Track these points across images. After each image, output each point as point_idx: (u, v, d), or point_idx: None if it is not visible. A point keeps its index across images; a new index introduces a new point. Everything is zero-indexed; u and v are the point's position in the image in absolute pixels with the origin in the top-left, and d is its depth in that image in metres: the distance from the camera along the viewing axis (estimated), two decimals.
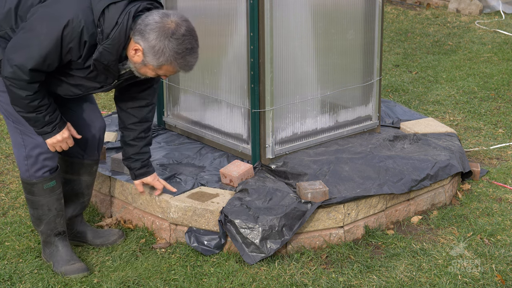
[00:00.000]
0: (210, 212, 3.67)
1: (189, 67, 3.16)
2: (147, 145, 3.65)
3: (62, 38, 3.07)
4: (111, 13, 3.07)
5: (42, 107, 3.25)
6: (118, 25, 3.08)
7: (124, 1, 3.10)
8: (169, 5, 4.43)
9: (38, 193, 3.46)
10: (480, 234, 3.87)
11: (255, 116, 4.04)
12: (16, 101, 3.22)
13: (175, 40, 3.06)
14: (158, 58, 3.09)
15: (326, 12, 4.22)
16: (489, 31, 8.49)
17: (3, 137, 5.30)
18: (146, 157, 3.67)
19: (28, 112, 3.25)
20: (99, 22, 3.08)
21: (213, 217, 3.68)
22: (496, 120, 5.59)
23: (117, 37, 3.09)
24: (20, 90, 3.16)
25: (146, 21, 3.07)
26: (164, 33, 3.05)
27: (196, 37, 3.14)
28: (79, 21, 3.06)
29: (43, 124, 3.30)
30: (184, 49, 3.08)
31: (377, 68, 4.50)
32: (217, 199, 3.76)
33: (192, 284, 3.45)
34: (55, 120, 3.32)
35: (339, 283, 3.44)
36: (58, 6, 3.11)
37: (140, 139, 3.61)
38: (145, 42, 3.08)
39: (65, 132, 3.37)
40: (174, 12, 3.12)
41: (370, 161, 4.11)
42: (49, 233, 3.55)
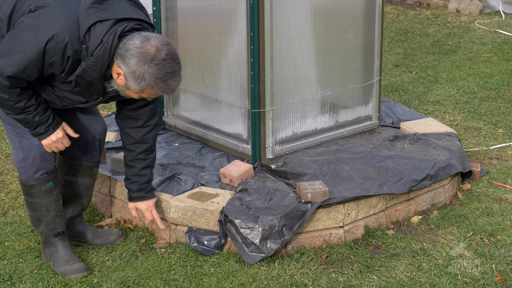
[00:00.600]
0: (210, 212, 3.67)
1: (171, 90, 3.13)
2: (146, 168, 3.59)
3: (45, 51, 3.07)
4: (97, 31, 3.06)
5: (30, 108, 3.23)
6: (103, 43, 3.06)
7: (111, 20, 3.08)
8: (169, 5, 4.43)
9: (36, 194, 3.46)
10: (480, 234, 3.87)
11: (255, 116, 4.04)
12: (2, 104, 3.22)
13: (155, 66, 3.03)
14: (139, 83, 3.08)
15: (326, 12, 4.22)
16: (489, 31, 8.49)
17: (3, 137, 5.30)
18: (144, 180, 3.62)
19: (16, 113, 3.24)
20: (84, 39, 3.07)
21: (213, 217, 3.68)
22: (496, 120, 5.59)
23: (101, 56, 3.07)
24: (2, 93, 3.16)
25: (127, 45, 3.05)
26: (144, 58, 3.03)
27: (177, 60, 3.11)
28: (64, 36, 3.05)
29: (35, 125, 3.29)
30: (164, 74, 3.05)
31: (377, 68, 4.50)
32: (217, 199, 3.76)
33: (192, 284, 3.45)
34: (47, 120, 3.30)
35: (339, 283, 3.44)
36: (45, 19, 3.09)
37: (139, 160, 3.56)
38: (126, 67, 3.07)
39: (59, 132, 3.36)
40: (155, 36, 3.09)
41: (370, 161, 4.11)
42: (49, 233, 3.55)
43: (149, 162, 3.59)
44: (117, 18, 3.08)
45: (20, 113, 3.24)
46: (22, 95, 3.19)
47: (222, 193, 3.82)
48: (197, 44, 4.36)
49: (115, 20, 3.08)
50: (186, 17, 4.39)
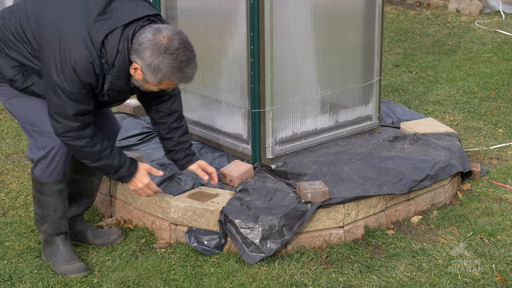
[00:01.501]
0: (210, 212, 3.67)
1: (188, 78, 3.19)
2: (183, 134, 3.67)
3: (78, 77, 3.13)
4: (110, 42, 3.11)
5: (106, 150, 3.33)
6: (119, 52, 3.13)
7: (120, 27, 3.12)
8: (169, 5, 4.43)
9: (47, 193, 3.47)
10: (480, 234, 3.87)
11: (255, 116, 4.04)
12: (80, 153, 3.31)
13: (169, 55, 3.09)
14: (156, 75, 3.13)
15: (326, 12, 4.22)
16: (489, 31, 8.49)
17: (3, 137, 5.30)
18: (187, 146, 3.68)
19: (96, 160, 3.33)
20: (102, 53, 3.13)
21: (213, 217, 3.68)
22: (496, 120, 5.59)
23: (122, 64, 3.15)
24: (78, 140, 3.25)
25: (140, 39, 3.11)
26: (157, 49, 3.08)
27: (190, 47, 3.16)
28: (87, 58, 3.11)
29: (115, 168, 3.38)
30: (179, 62, 3.11)
31: (377, 68, 4.50)
32: (217, 199, 3.76)
33: (192, 284, 3.45)
34: (125, 162, 3.41)
35: (339, 283, 3.44)
36: (61, 51, 3.13)
37: (174, 130, 3.63)
38: (141, 60, 3.12)
39: (144, 178, 3.46)
40: (166, 27, 3.14)
41: (370, 161, 4.11)
42: (52, 233, 3.55)
43: (184, 128, 3.68)
44: (125, 23, 3.12)
45: (99, 159, 3.33)
46: (95, 138, 3.29)
47: (222, 193, 3.82)
48: (197, 44, 4.34)
49: (124, 25, 3.12)
50: (186, 17, 4.39)
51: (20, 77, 3.32)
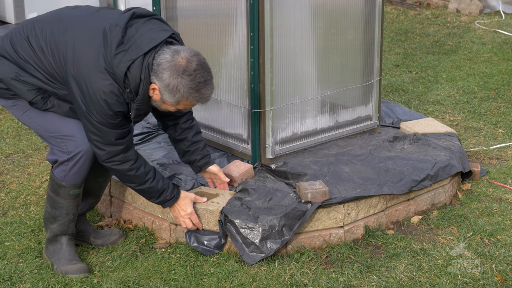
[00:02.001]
0: (210, 212, 3.67)
1: (205, 99, 3.26)
2: (197, 134, 3.69)
3: (113, 111, 3.20)
4: (133, 73, 3.17)
5: (150, 173, 3.41)
6: (142, 81, 3.19)
7: (140, 57, 3.17)
8: (169, 5, 4.43)
9: (63, 195, 3.48)
10: (480, 234, 3.87)
11: (255, 116, 4.04)
12: (125, 177, 3.38)
13: (188, 76, 3.15)
14: (174, 96, 3.19)
15: (326, 12, 4.22)
16: (489, 31, 8.49)
17: (3, 137, 5.30)
18: (202, 145, 3.71)
19: (140, 184, 3.40)
20: (125, 84, 3.19)
21: (213, 217, 3.67)
22: (496, 120, 5.59)
23: (146, 91, 3.22)
24: (123, 164, 3.32)
25: (158, 60, 3.17)
26: (176, 71, 3.15)
27: (208, 69, 3.23)
28: (116, 89, 3.17)
29: (159, 192, 3.46)
30: (197, 84, 3.18)
31: (377, 68, 4.50)
32: (217, 199, 3.75)
33: (192, 284, 3.45)
34: (169, 186, 3.48)
35: (339, 283, 3.44)
36: (88, 88, 3.18)
37: (187, 130, 3.66)
38: (160, 81, 3.18)
39: (188, 207, 3.54)
40: (184, 48, 3.21)
41: (370, 162, 4.11)
42: (58, 233, 3.56)
43: (196, 128, 3.70)
44: (144, 52, 3.17)
45: (144, 182, 3.40)
46: (138, 160, 3.37)
47: (222, 193, 3.82)
48: (197, 44, 4.36)
49: (143, 53, 3.17)
50: (186, 17, 4.39)
51: (39, 100, 3.36)
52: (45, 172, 4.65)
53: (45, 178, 4.57)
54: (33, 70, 3.31)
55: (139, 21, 3.28)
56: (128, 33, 3.22)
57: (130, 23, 3.25)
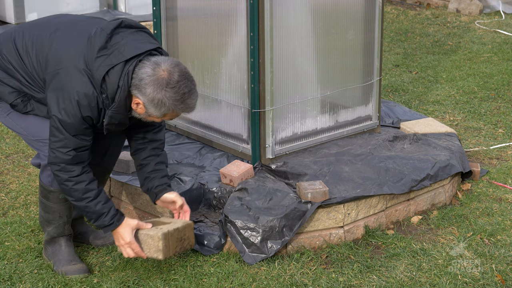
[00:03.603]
0: (150, 237, 3.38)
1: (191, 108, 3.21)
2: (161, 163, 3.55)
3: (82, 115, 3.16)
4: (111, 78, 3.13)
5: (90, 192, 3.27)
6: (120, 88, 3.14)
7: (121, 63, 3.13)
8: (169, 5, 4.43)
9: (53, 200, 3.47)
10: (480, 234, 3.87)
11: (255, 116, 4.04)
12: (62, 187, 3.28)
13: (171, 89, 3.10)
14: (159, 109, 3.15)
15: (326, 12, 4.22)
16: (489, 31, 8.49)
17: (3, 137, 5.30)
18: (163, 174, 3.54)
19: (77, 200, 3.28)
20: (102, 88, 3.15)
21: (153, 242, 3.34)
22: (496, 120, 5.59)
23: (123, 99, 3.17)
24: (61, 173, 3.23)
25: (140, 75, 3.12)
26: (159, 84, 3.09)
27: (190, 77, 3.17)
28: (92, 93, 3.14)
29: (97, 214, 3.31)
30: (182, 95, 3.13)
31: (377, 68, 4.50)
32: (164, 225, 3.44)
33: (192, 284, 3.45)
34: (109, 211, 3.32)
35: (339, 283, 3.44)
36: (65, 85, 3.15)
37: (152, 157, 3.54)
38: (143, 96, 3.13)
39: (127, 236, 3.34)
40: (164, 59, 3.14)
41: (370, 161, 4.11)
42: (55, 235, 3.56)
43: (162, 158, 3.57)
44: (126, 59, 3.13)
45: (80, 199, 3.27)
46: (81, 176, 3.25)
47: (175, 221, 3.47)
48: (197, 44, 4.37)
49: (124, 61, 3.13)
50: (186, 17, 4.39)
51: (20, 102, 3.35)
52: None
53: None
54: (15, 73, 3.31)
55: (127, 31, 3.25)
56: (113, 39, 3.19)
57: (117, 30, 3.22)
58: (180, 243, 3.40)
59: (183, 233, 3.42)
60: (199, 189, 3.92)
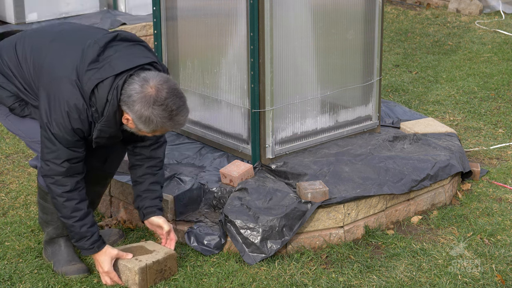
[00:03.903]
0: (128, 269, 3.38)
1: (180, 124, 3.17)
2: (155, 183, 3.54)
3: (73, 127, 3.15)
4: (100, 92, 3.10)
5: (78, 212, 3.27)
6: (108, 101, 3.11)
7: (110, 78, 3.10)
8: (169, 5, 4.43)
9: (51, 201, 3.45)
10: (480, 234, 3.87)
11: (255, 116, 4.04)
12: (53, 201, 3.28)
13: (159, 107, 3.06)
14: (148, 126, 3.11)
15: (326, 12, 4.22)
16: (489, 31, 8.48)
17: (3, 137, 5.30)
18: (155, 195, 3.54)
19: (64, 216, 3.28)
20: (92, 102, 3.13)
21: (131, 275, 3.37)
22: (496, 120, 5.59)
23: (111, 113, 3.13)
24: (55, 186, 3.23)
25: (128, 91, 3.08)
26: (146, 102, 3.05)
27: (179, 94, 3.11)
28: (82, 105, 3.12)
29: (79, 236, 3.31)
30: (169, 112, 3.08)
31: (377, 68, 4.50)
32: (145, 257, 3.43)
33: (192, 284, 3.44)
34: (91, 236, 3.32)
35: (339, 283, 3.44)
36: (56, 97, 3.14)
37: (147, 175, 3.53)
38: (132, 113, 3.10)
39: (105, 265, 3.36)
40: (153, 75, 3.10)
41: (370, 161, 4.11)
42: (55, 236, 3.56)
43: (157, 178, 3.55)
44: (116, 73, 3.10)
45: (67, 217, 3.27)
46: (74, 193, 3.26)
47: (158, 251, 3.49)
48: (197, 44, 4.37)
49: (114, 76, 3.10)
50: (186, 17, 4.39)
51: (17, 106, 3.36)
52: None
53: None
54: (13, 78, 3.31)
55: (122, 44, 3.22)
56: (106, 52, 3.17)
57: (111, 43, 3.20)
58: (160, 275, 3.43)
59: (164, 264, 3.44)
60: (199, 189, 3.92)
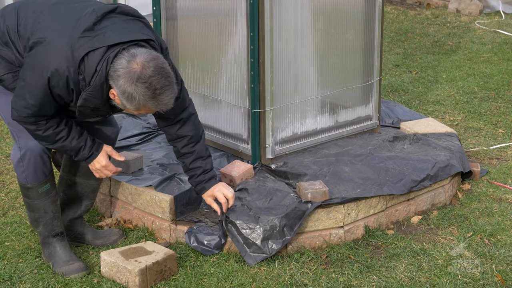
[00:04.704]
0: (128, 271, 3.40)
1: (165, 105, 3.10)
2: (196, 160, 3.56)
3: (50, 88, 3.11)
4: (90, 61, 3.05)
5: (61, 133, 3.28)
6: (97, 72, 3.06)
7: (103, 48, 3.05)
8: (169, 5, 4.43)
9: (33, 196, 3.46)
10: (480, 234, 3.87)
11: (255, 116, 4.04)
12: (33, 135, 3.28)
13: (142, 84, 3.00)
14: (131, 103, 3.06)
15: (326, 12, 4.22)
16: (489, 31, 8.49)
17: (3, 137, 5.30)
18: (199, 172, 3.58)
19: (51, 143, 3.29)
20: (80, 69, 3.07)
21: (131, 277, 3.39)
22: (496, 120, 5.59)
23: (98, 84, 3.08)
24: (29, 125, 3.23)
25: (115, 65, 3.03)
26: (130, 78, 3.00)
27: (166, 74, 3.05)
28: (63, 71, 3.07)
29: (75, 150, 3.34)
30: (153, 91, 3.02)
31: (377, 68, 4.50)
32: (144, 258, 3.45)
33: (192, 284, 3.45)
34: (85, 143, 3.34)
35: (339, 283, 3.44)
36: (44, 56, 3.11)
37: (185, 155, 3.56)
38: (116, 87, 3.05)
39: (102, 160, 3.40)
40: (142, 52, 3.04)
41: (370, 162, 4.11)
42: (47, 234, 3.55)
43: (197, 154, 3.56)
44: (109, 44, 3.05)
45: (54, 141, 3.28)
46: (48, 123, 3.25)
47: (157, 252, 3.51)
48: (197, 44, 4.37)
49: (107, 47, 3.05)
50: (186, 17, 4.39)
51: (9, 77, 3.30)
52: None
53: None
54: (10, 44, 3.26)
55: (120, 17, 3.16)
56: (103, 23, 3.11)
57: (109, 15, 3.14)
58: (160, 275, 3.44)
59: (164, 265, 3.45)
60: None
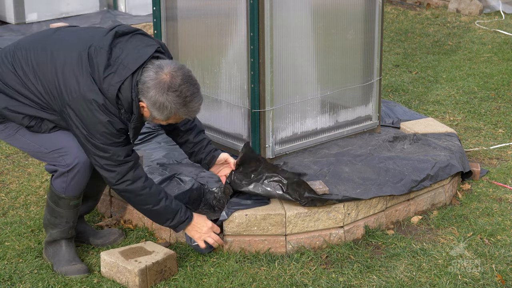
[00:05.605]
0: (128, 271, 3.41)
1: (194, 112, 3.24)
2: (198, 134, 3.65)
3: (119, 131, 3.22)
4: (124, 94, 3.17)
5: (162, 193, 3.38)
6: (134, 100, 3.18)
7: (129, 77, 3.15)
8: (169, 5, 4.43)
9: (63, 206, 3.46)
10: (480, 234, 3.87)
11: (255, 116, 4.04)
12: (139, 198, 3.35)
13: (173, 93, 3.13)
14: (162, 113, 3.17)
15: (326, 12, 4.22)
16: (489, 31, 8.49)
17: None
18: (205, 143, 3.67)
19: (156, 203, 3.36)
20: (119, 105, 3.19)
21: (131, 277, 3.40)
22: (496, 120, 5.59)
23: (139, 109, 3.21)
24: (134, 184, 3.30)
25: (143, 79, 3.14)
26: (161, 88, 3.12)
27: (193, 81, 3.19)
28: (112, 110, 3.18)
29: (174, 212, 3.42)
30: (184, 98, 3.15)
31: (377, 68, 4.50)
32: (144, 258, 3.46)
33: (192, 284, 3.45)
34: (182, 205, 3.45)
35: (339, 283, 3.44)
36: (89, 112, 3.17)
37: (187, 132, 3.63)
38: (146, 99, 3.16)
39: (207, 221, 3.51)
40: (167, 63, 3.17)
41: (370, 162, 4.11)
42: (58, 238, 3.56)
43: (198, 128, 3.67)
44: (132, 72, 3.15)
45: (158, 201, 3.37)
46: (149, 179, 3.36)
47: (157, 252, 3.51)
48: (197, 44, 4.37)
49: (131, 72, 3.15)
50: (186, 17, 4.39)
51: (34, 125, 3.35)
52: (45, 172, 4.65)
53: (45, 178, 4.57)
54: (25, 99, 3.30)
55: (123, 40, 3.26)
56: (114, 54, 3.20)
57: (114, 43, 3.23)
58: (160, 275, 3.45)
59: (164, 265, 3.46)
60: (199, 189, 3.92)
